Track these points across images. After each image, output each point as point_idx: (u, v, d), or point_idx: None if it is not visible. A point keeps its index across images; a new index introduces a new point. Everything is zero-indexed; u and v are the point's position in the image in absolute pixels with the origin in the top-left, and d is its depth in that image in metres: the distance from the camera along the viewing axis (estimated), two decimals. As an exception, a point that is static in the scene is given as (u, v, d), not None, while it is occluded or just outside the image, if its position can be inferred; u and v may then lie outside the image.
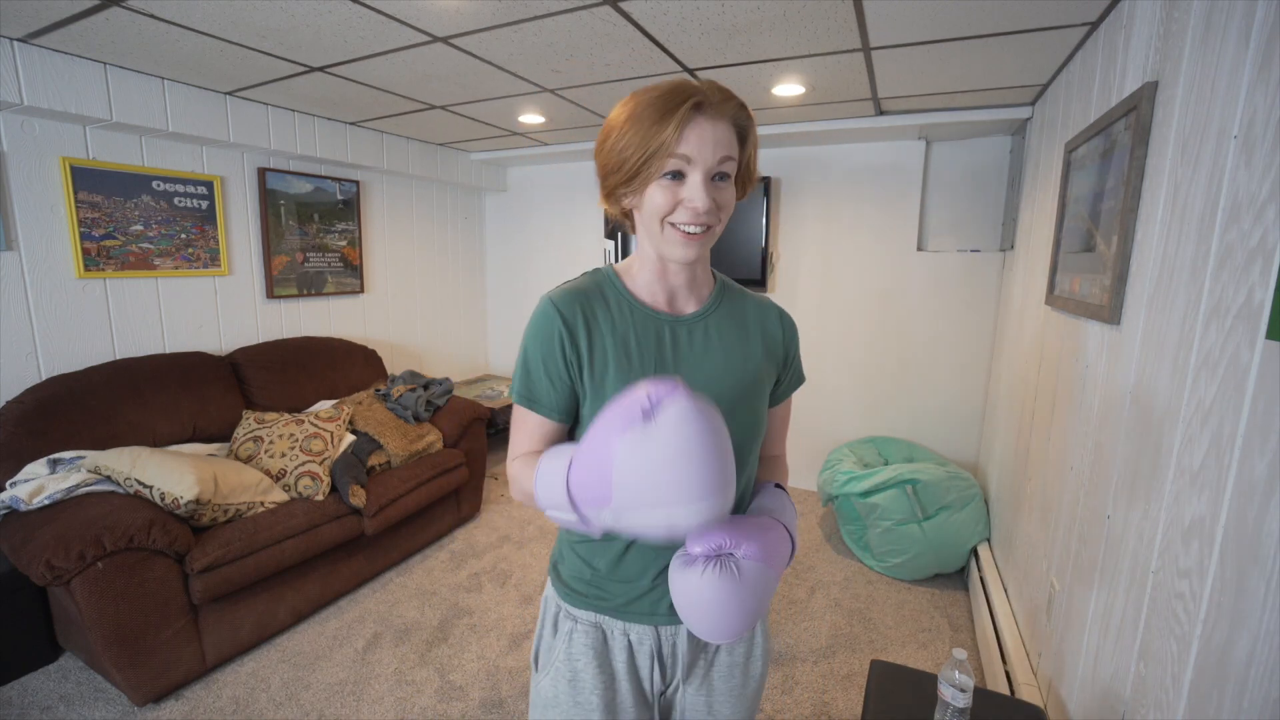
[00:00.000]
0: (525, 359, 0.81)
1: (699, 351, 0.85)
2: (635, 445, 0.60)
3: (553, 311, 0.79)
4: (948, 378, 3.21)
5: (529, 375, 0.81)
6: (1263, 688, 0.79)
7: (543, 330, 0.80)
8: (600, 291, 0.84)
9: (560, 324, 0.79)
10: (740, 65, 2.14)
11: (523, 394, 0.82)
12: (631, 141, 0.74)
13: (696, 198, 0.75)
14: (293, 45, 1.97)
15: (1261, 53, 0.89)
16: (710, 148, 0.74)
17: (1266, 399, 0.82)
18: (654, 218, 0.77)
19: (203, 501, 1.96)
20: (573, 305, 0.80)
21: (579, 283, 0.84)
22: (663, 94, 0.73)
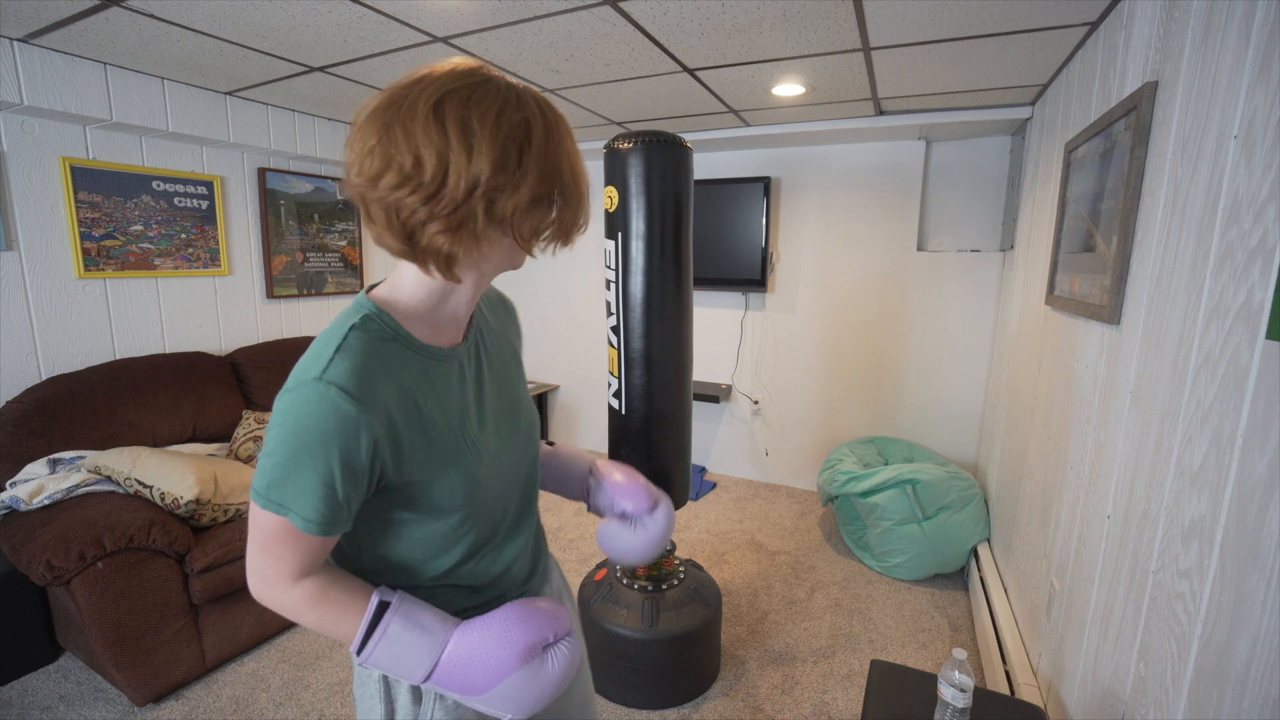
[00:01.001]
0: (321, 479, 0.61)
1: (492, 377, 0.80)
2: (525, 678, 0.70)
3: (352, 409, 0.61)
4: (948, 378, 3.21)
5: (332, 500, 0.63)
6: (1263, 688, 0.79)
7: (341, 436, 0.61)
8: (389, 356, 0.67)
9: (368, 424, 0.62)
10: (740, 65, 2.14)
11: (322, 524, 0.63)
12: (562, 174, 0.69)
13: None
14: (293, 45, 1.97)
15: (1261, 53, 0.89)
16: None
17: (1266, 399, 0.82)
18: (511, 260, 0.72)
19: (203, 501, 1.96)
20: (373, 393, 0.63)
21: (360, 355, 0.64)
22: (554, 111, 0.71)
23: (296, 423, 0.61)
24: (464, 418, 0.74)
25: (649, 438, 1.87)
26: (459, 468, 0.71)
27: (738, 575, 2.68)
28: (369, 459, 0.64)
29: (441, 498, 0.71)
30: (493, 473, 0.76)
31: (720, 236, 3.44)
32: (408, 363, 0.69)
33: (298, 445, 0.61)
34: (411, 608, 0.70)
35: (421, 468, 0.68)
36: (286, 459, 0.61)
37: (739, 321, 3.68)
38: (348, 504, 0.65)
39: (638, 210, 1.75)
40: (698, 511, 3.33)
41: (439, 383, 0.72)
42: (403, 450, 0.67)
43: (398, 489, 0.69)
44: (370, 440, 0.63)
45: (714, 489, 3.65)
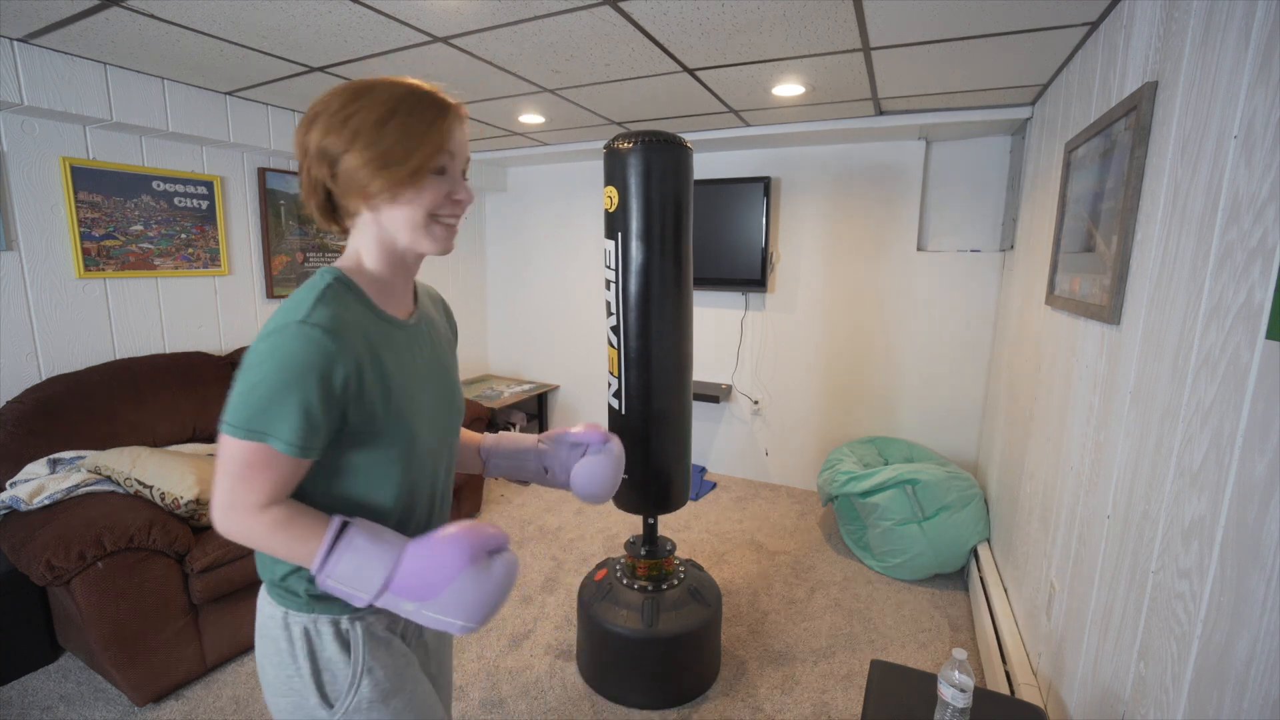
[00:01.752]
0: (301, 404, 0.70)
1: (428, 351, 0.89)
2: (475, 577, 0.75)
3: (324, 341, 0.70)
4: (948, 378, 3.21)
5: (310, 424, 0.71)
6: (1263, 688, 0.79)
7: (321, 368, 0.70)
8: (359, 312, 0.78)
9: (342, 360, 0.72)
10: (740, 65, 2.14)
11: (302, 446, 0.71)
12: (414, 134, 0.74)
13: (463, 193, 0.81)
14: (293, 45, 1.97)
15: (1261, 53, 0.89)
16: (465, 148, 0.82)
17: (1266, 399, 0.82)
18: (421, 212, 0.78)
19: (203, 501, 1.96)
20: (344, 333, 0.73)
21: (337, 306, 0.75)
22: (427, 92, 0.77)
23: (284, 357, 0.69)
24: (412, 380, 0.83)
25: (649, 438, 1.87)
26: (405, 423, 0.81)
27: (738, 575, 2.68)
28: (341, 390, 0.73)
29: (387, 445, 0.80)
30: (429, 435, 0.86)
31: (720, 236, 3.44)
32: (371, 322, 0.79)
33: (285, 377, 0.69)
34: (368, 526, 0.77)
35: (376, 415, 0.77)
36: (273, 389, 0.69)
37: (739, 321, 3.68)
38: (323, 430, 0.73)
39: (638, 210, 1.75)
40: (698, 511, 3.33)
41: (396, 345, 0.82)
42: (365, 391, 0.76)
43: (354, 432, 0.77)
44: (344, 374, 0.72)
45: (714, 489, 3.65)
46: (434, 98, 0.77)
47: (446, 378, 0.93)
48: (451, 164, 0.79)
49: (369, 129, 0.73)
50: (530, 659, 2.10)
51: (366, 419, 0.77)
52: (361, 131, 0.73)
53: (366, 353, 0.76)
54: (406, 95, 0.76)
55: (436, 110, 0.76)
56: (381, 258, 0.82)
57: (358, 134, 0.73)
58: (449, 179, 0.79)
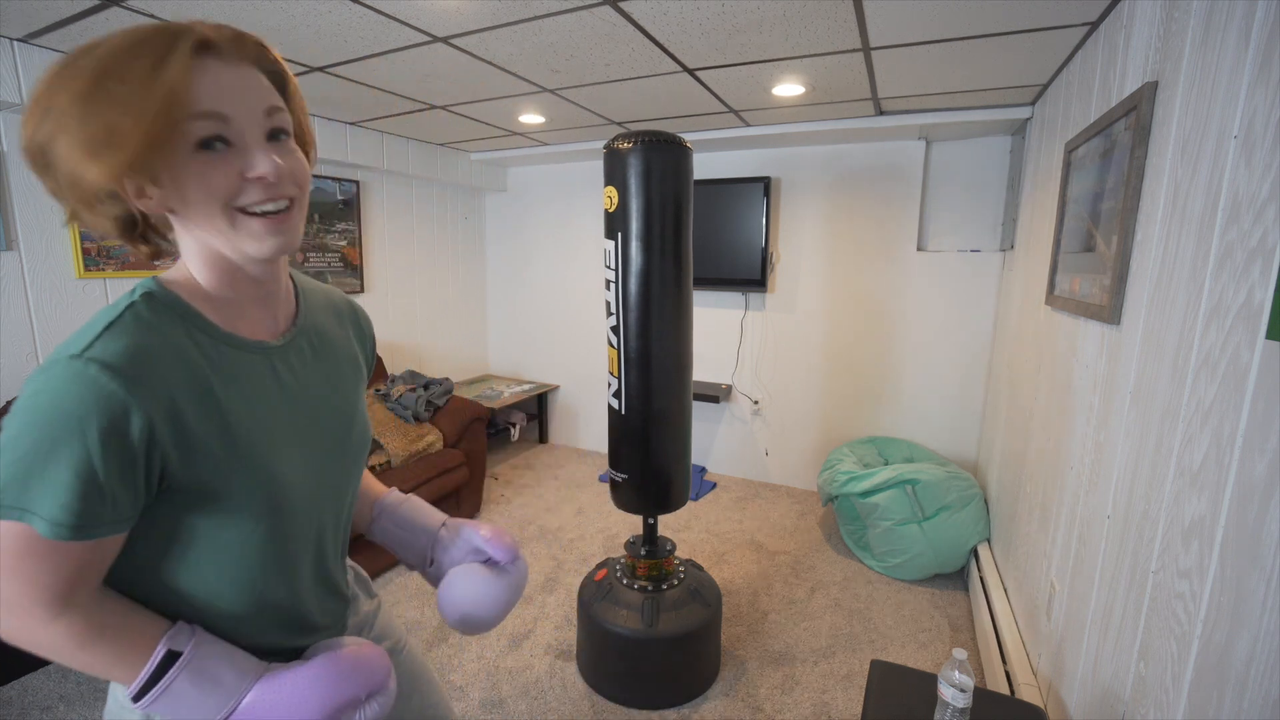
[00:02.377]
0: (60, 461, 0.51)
1: (316, 381, 0.71)
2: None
3: (111, 386, 0.51)
4: (948, 378, 3.21)
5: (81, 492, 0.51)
6: (1263, 688, 0.79)
7: (92, 415, 0.51)
8: (176, 335, 0.58)
9: (128, 403, 0.52)
10: (740, 65, 2.14)
11: (75, 525, 0.52)
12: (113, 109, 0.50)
13: (261, 164, 0.56)
14: (293, 45, 1.97)
15: (1261, 53, 0.89)
16: (249, 97, 0.56)
17: (1266, 399, 0.82)
18: (212, 206, 0.56)
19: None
20: (142, 368, 0.54)
21: (138, 333, 0.55)
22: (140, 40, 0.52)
23: (45, 407, 0.51)
24: (272, 414, 0.64)
25: (649, 438, 1.87)
26: (264, 471, 0.62)
27: (738, 575, 2.68)
28: (143, 446, 0.53)
29: (241, 504, 0.61)
30: (306, 485, 0.67)
31: (720, 236, 3.44)
32: (202, 347, 0.60)
33: (45, 434, 0.50)
34: (207, 658, 0.59)
35: (218, 466, 0.59)
36: (29, 451, 0.50)
37: (739, 321, 3.68)
38: (113, 501, 0.53)
39: (637, 210, 1.75)
40: (698, 511, 3.33)
41: (244, 374, 0.63)
42: (193, 442, 0.57)
43: (187, 490, 0.58)
44: (143, 424, 0.53)
45: (714, 489, 3.65)
46: (149, 41, 0.52)
47: (337, 407, 0.73)
48: (228, 129, 0.55)
49: (70, 110, 0.51)
50: (530, 659, 2.10)
51: (198, 474, 0.58)
52: (64, 114, 0.51)
53: (190, 394, 0.57)
54: (122, 45, 0.52)
55: (153, 61, 0.51)
56: (210, 268, 0.62)
57: (61, 118, 0.52)
58: (235, 149, 0.56)
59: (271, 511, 0.63)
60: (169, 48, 0.52)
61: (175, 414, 0.55)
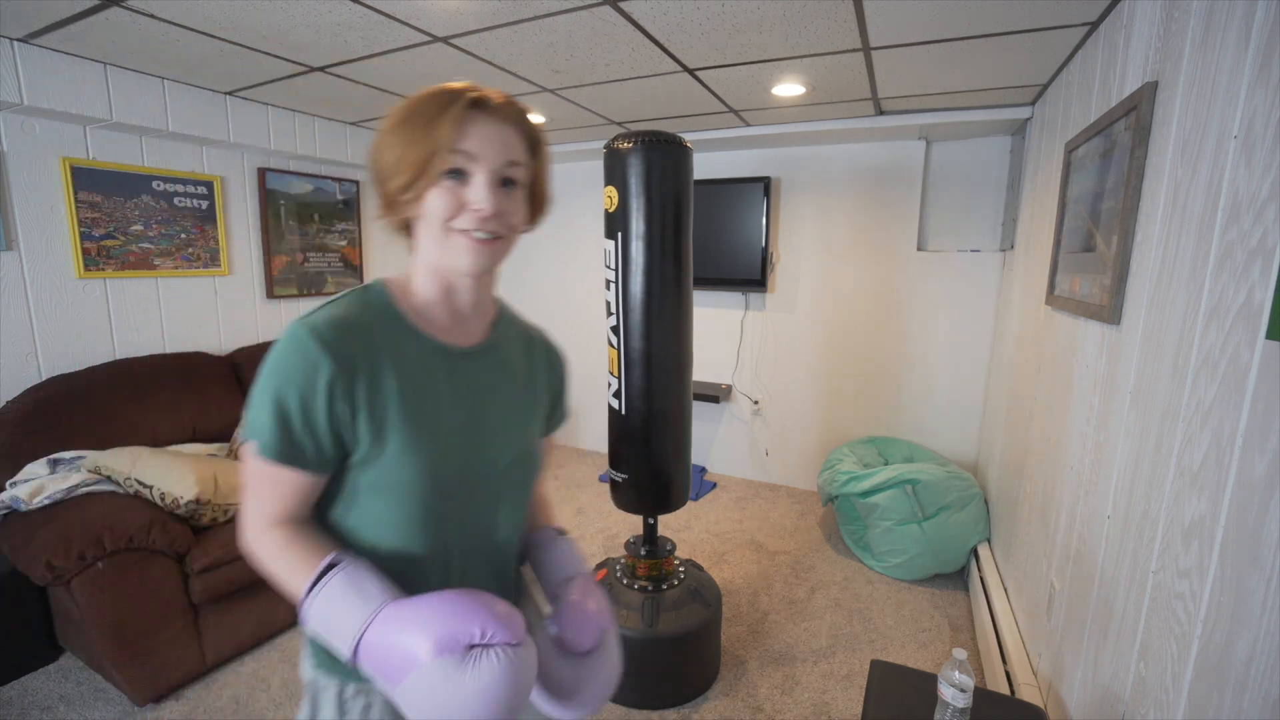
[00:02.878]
0: (277, 405, 0.65)
1: (486, 390, 0.79)
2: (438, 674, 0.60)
3: (317, 349, 0.65)
4: (948, 378, 3.21)
5: (285, 427, 0.66)
6: (1263, 688, 0.79)
7: (303, 371, 0.65)
8: (374, 320, 0.72)
9: (329, 366, 0.66)
10: (740, 65, 2.14)
11: (278, 450, 0.66)
12: (407, 139, 0.68)
13: (480, 199, 0.69)
14: (293, 45, 1.97)
15: (1261, 53, 0.89)
16: (495, 147, 0.70)
17: (1266, 399, 0.82)
18: (436, 223, 0.70)
19: (203, 501, 1.96)
20: (344, 341, 0.67)
21: (346, 309, 0.70)
22: (437, 92, 0.70)
23: (272, 359, 0.67)
24: (437, 408, 0.73)
25: (649, 438, 1.87)
26: (426, 454, 0.71)
27: (738, 575, 2.68)
28: (326, 399, 0.66)
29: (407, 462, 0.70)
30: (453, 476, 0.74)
31: (720, 236, 3.44)
32: (398, 339, 0.72)
33: (268, 378, 0.66)
34: (359, 572, 0.66)
35: (384, 436, 0.69)
36: (260, 389, 0.67)
37: (739, 321, 3.68)
38: (307, 438, 0.67)
39: (638, 210, 1.75)
40: (698, 511, 3.33)
41: (419, 365, 0.73)
42: (367, 407, 0.68)
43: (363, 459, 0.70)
44: (327, 382, 0.66)
45: (714, 489, 3.65)
46: (442, 94, 0.69)
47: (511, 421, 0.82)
48: (471, 165, 0.69)
49: (379, 142, 0.71)
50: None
51: (363, 436, 0.69)
52: (376, 145, 0.72)
53: (373, 369, 0.69)
54: (416, 100, 0.70)
55: (438, 108, 0.68)
56: (425, 275, 0.75)
57: (374, 148, 0.72)
58: (466, 184, 0.69)
59: (419, 489, 0.72)
60: (451, 101, 0.69)
61: (353, 379, 0.67)
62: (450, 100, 0.69)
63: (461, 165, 0.69)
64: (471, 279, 0.76)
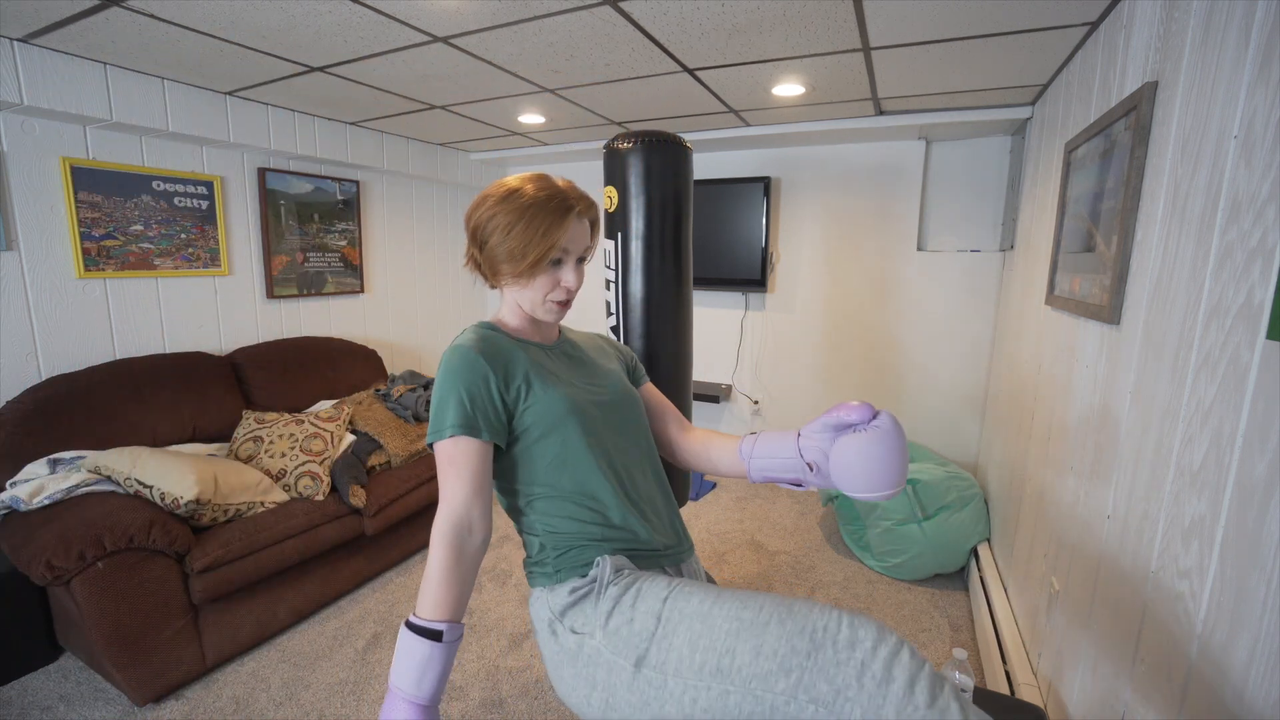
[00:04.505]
0: (460, 397, 0.91)
1: (578, 362, 1.10)
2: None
3: (475, 357, 0.94)
4: (948, 378, 3.21)
5: (467, 409, 0.91)
6: (1263, 688, 0.79)
7: (471, 372, 0.93)
8: (497, 339, 1.01)
9: (485, 365, 0.94)
10: (740, 65, 2.14)
11: (464, 425, 0.91)
12: (529, 239, 0.95)
13: (572, 281, 1.00)
14: (293, 45, 1.97)
15: (1261, 53, 0.89)
16: (580, 242, 1.00)
17: (1266, 399, 0.82)
18: (538, 294, 1.00)
19: (203, 501, 1.96)
20: (488, 350, 0.96)
21: (480, 334, 1.00)
22: (554, 195, 0.97)
23: (444, 372, 0.94)
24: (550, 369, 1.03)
25: (649, 438, 1.87)
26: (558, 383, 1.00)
27: (738, 575, 2.68)
28: (496, 387, 0.94)
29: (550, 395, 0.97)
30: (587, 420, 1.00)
31: (720, 236, 3.44)
32: (513, 346, 1.02)
33: (445, 383, 0.93)
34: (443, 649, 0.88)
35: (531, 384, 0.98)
36: (442, 396, 0.93)
37: (739, 321, 3.68)
38: (484, 411, 0.92)
39: (638, 210, 1.75)
40: (698, 511, 3.33)
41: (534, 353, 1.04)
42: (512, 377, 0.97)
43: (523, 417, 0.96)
44: (489, 375, 0.94)
45: (714, 489, 3.65)
46: (558, 203, 0.96)
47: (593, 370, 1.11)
48: (566, 257, 0.99)
49: (503, 228, 0.96)
50: (530, 659, 2.10)
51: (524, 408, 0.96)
52: (499, 228, 0.97)
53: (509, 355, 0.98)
54: (536, 202, 0.96)
55: (557, 216, 0.96)
56: (516, 316, 1.07)
57: (496, 229, 0.97)
58: (562, 268, 1.00)
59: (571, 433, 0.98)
60: (566, 210, 0.97)
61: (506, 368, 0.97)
62: (565, 209, 0.97)
63: (560, 257, 0.99)
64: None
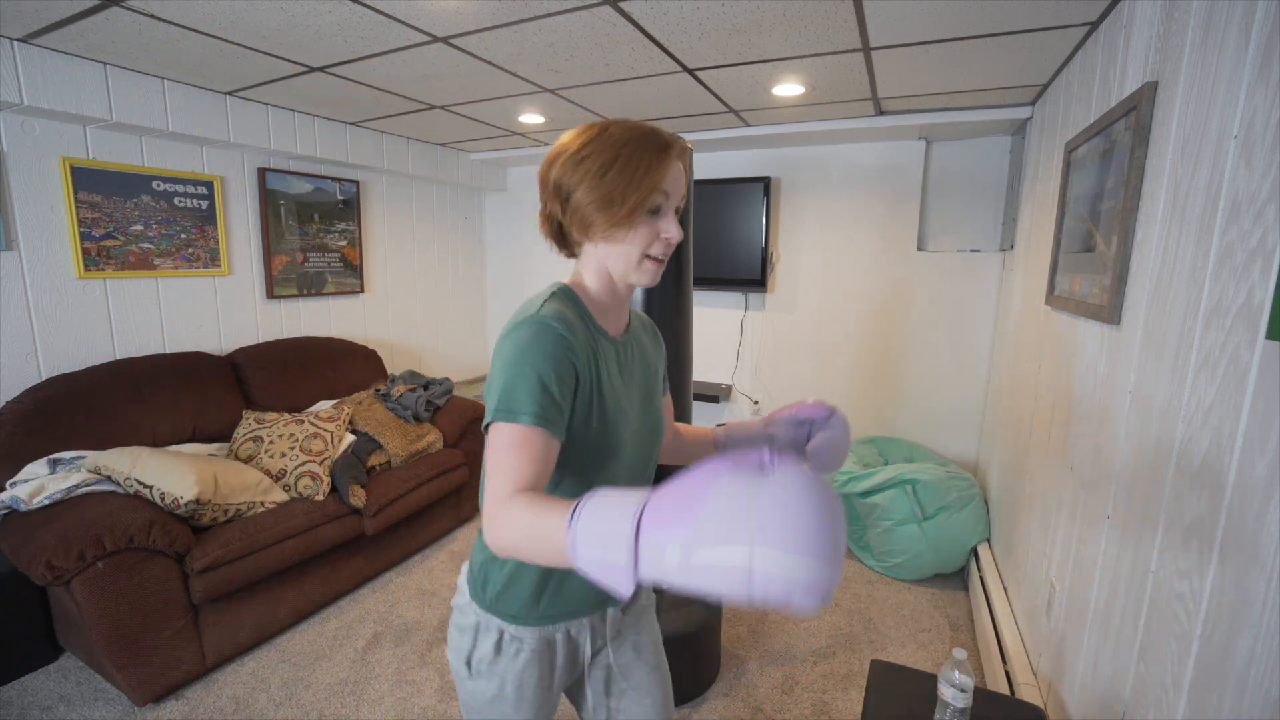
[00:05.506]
0: (539, 379, 0.77)
1: (636, 369, 0.97)
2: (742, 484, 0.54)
3: (556, 328, 0.79)
4: (948, 378, 3.20)
5: (546, 395, 0.77)
6: (1263, 688, 0.78)
7: (553, 351, 0.78)
8: (579, 316, 0.87)
9: (568, 347, 0.80)
10: (740, 65, 2.14)
11: (540, 415, 0.76)
12: (632, 179, 0.80)
13: (674, 231, 0.85)
14: (293, 45, 1.97)
15: (1261, 53, 0.89)
16: (679, 187, 0.85)
17: (1266, 399, 0.82)
18: (635, 249, 0.84)
19: (203, 501, 1.96)
20: (572, 329, 0.82)
21: (562, 306, 0.84)
22: (649, 134, 0.83)
23: (523, 346, 0.78)
24: (620, 391, 0.90)
25: (649, 438, 1.87)
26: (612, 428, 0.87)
27: (738, 575, 2.68)
28: (572, 371, 0.80)
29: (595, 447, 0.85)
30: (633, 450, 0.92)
31: (720, 236, 3.44)
32: (589, 329, 0.87)
33: (524, 361, 0.77)
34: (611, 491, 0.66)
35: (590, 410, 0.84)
36: (516, 373, 0.77)
37: (739, 321, 3.68)
38: (560, 406, 0.78)
39: (638, 210, 1.75)
40: (698, 511, 3.32)
41: (606, 354, 0.89)
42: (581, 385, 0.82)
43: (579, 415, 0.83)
44: (572, 357, 0.80)
45: (714, 489, 3.65)
46: (654, 140, 0.82)
47: (650, 396, 1.00)
48: (666, 203, 0.84)
49: (595, 172, 0.81)
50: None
51: (581, 415, 0.83)
52: (590, 173, 0.81)
53: (586, 352, 0.83)
54: (630, 140, 0.81)
55: (655, 154, 0.81)
56: (600, 283, 0.90)
57: (586, 175, 0.81)
58: (662, 217, 0.85)
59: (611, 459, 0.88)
60: (665, 148, 0.82)
61: (583, 355, 0.82)
62: (664, 146, 0.83)
63: (661, 203, 0.83)
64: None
